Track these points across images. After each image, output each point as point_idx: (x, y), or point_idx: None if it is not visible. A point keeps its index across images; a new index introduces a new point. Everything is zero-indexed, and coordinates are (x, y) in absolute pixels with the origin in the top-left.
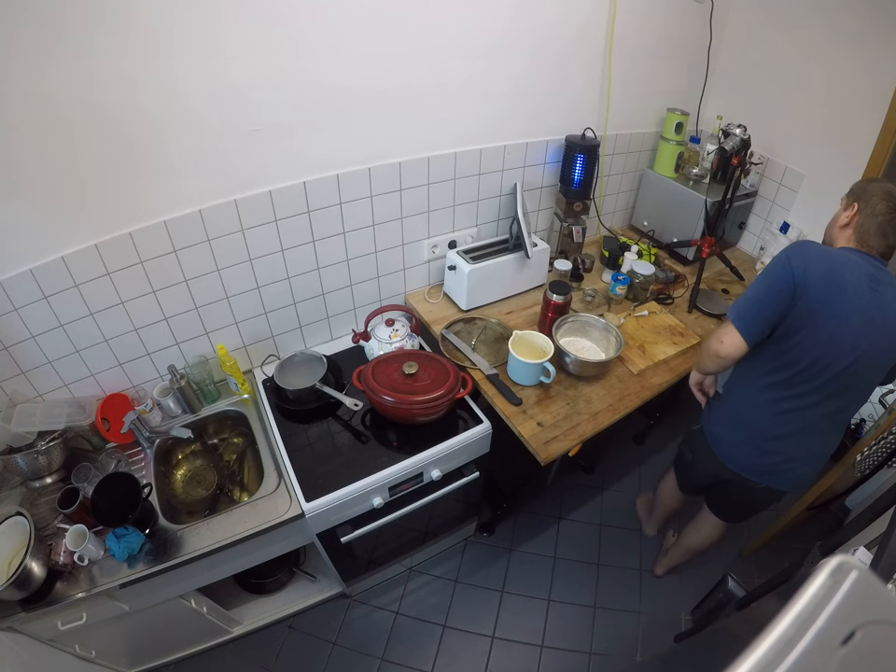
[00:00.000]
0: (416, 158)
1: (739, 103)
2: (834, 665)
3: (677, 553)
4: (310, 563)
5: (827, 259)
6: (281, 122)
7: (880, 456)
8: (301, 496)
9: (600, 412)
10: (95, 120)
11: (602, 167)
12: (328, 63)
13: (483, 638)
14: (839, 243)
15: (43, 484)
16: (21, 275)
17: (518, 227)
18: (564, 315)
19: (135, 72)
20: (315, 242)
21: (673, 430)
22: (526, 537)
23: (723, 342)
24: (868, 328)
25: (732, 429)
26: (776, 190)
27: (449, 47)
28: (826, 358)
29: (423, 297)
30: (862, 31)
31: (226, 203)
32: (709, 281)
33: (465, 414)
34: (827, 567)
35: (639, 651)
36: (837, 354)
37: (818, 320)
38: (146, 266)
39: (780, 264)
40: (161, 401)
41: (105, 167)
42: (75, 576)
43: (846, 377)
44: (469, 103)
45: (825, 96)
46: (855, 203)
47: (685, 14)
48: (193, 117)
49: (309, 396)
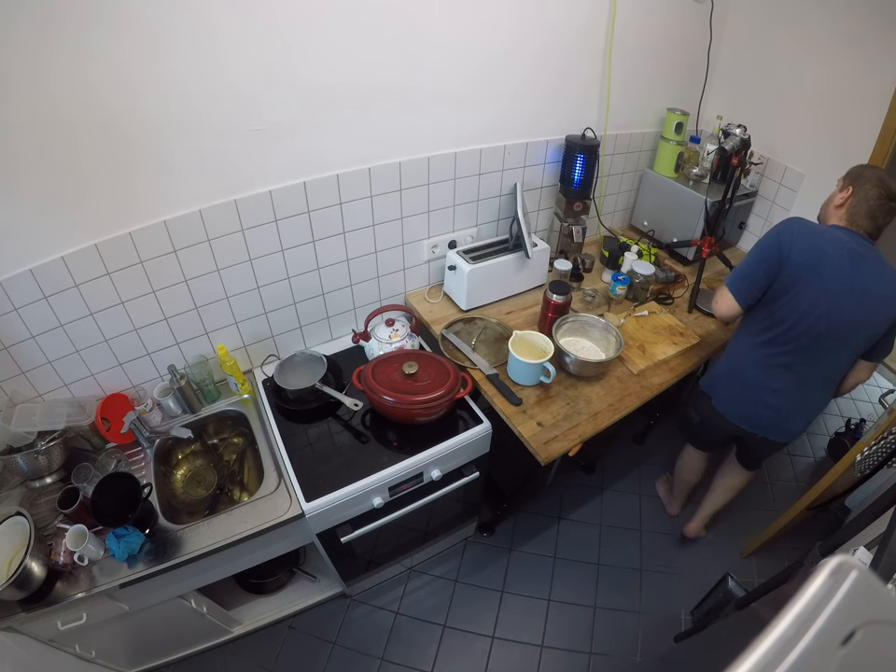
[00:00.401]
0: (416, 158)
1: (739, 103)
2: (834, 665)
3: (711, 503)
4: (310, 563)
5: (812, 234)
6: (281, 122)
7: (880, 456)
8: (301, 496)
9: (600, 412)
10: (95, 120)
11: (602, 167)
12: (328, 63)
13: (483, 638)
14: (831, 221)
15: (43, 484)
16: (21, 275)
17: (518, 227)
18: (564, 315)
19: (135, 71)
20: (315, 242)
21: (673, 430)
22: (526, 537)
23: (718, 303)
24: (846, 295)
25: (730, 386)
26: (776, 190)
27: (449, 47)
28: (808, 319)
29: (423, 297)
30: (863, 31)
31: (226, 203)
32: (709, 281)
33: (465, 414)
34: (827, 567)
35: (639, 651)
36: (818, 315)
37: (800, 286)
38: (146, 266)
39: (770, 237)
40: (161, 401)
41: (105, 167)
42: (75, 576)
43: (828, 339)
44: (470, 103)
45: (825, 96)
46: (850, 186)
47: (685, 14)
48: (194, 116)
49: (309, 396)
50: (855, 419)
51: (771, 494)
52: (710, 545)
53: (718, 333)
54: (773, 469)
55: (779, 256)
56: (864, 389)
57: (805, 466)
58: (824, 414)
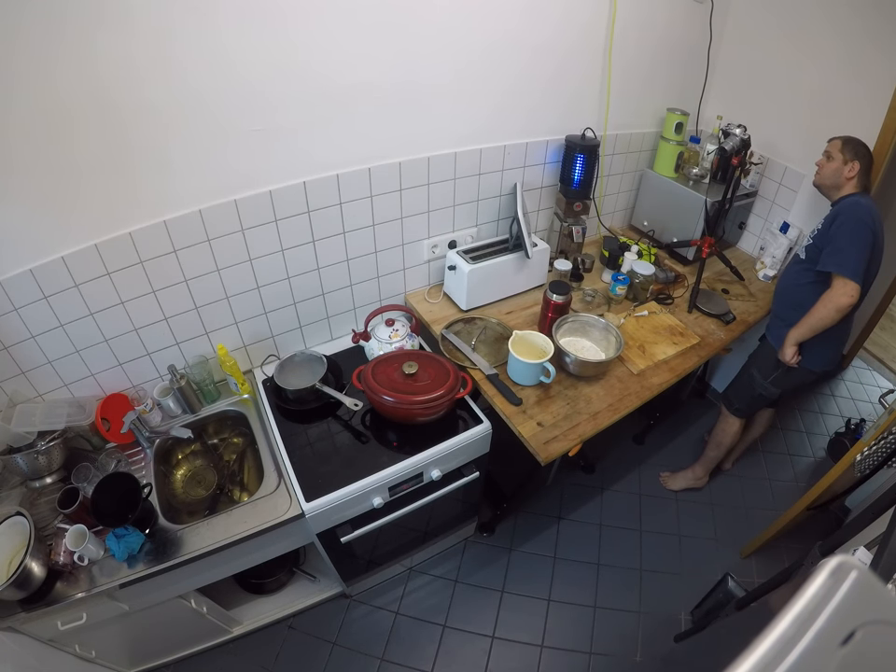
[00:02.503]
0: (416, 158)
1: (739, 103)
2: (834, 665)
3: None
4: (310, 563)
5: (876, 214)
6: (281, 122)
7: (880, 456)
8: (301, 496)
9: (600, 412)
10: (96, 120)
11: (602, 167)
12: (329, 63)
13: (483, 638)
14: (845, 191)
15: (43, 484)
16: (21, 275)
17: (518, 227)
18: (564, 315)
19: (137, 72)
20: (315, 242)
21: (673, 430)
22: (526, 537)
23: (846, 297)
24: None
25: (838, 346)
26: (776, 190)
27: (449, 47)
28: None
29: (423, 297)
30: (863, 31)
31: (226, 203)
32: (709, 281)
33: (465, 414)
34: (827, 567)
35: (639, 651)
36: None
37: (879, 255)
38: (146, 266)
39: (868, 228)
40: (161, 401)
41: (106, 167)
42: (75, 576)
43: None
44: (470, 103)
45: (825, 96)
46: (856, 161)
47: (685, 14)
48: (194, 116)
49: (309, 396)
50: (855, 419)
51: (771, 494)
52: (710, 545)
53: (718, 333)
54: (773, 469)
55: (875, 240)
56: (864, 389)
57: (804, 466)
58: (824, 414)
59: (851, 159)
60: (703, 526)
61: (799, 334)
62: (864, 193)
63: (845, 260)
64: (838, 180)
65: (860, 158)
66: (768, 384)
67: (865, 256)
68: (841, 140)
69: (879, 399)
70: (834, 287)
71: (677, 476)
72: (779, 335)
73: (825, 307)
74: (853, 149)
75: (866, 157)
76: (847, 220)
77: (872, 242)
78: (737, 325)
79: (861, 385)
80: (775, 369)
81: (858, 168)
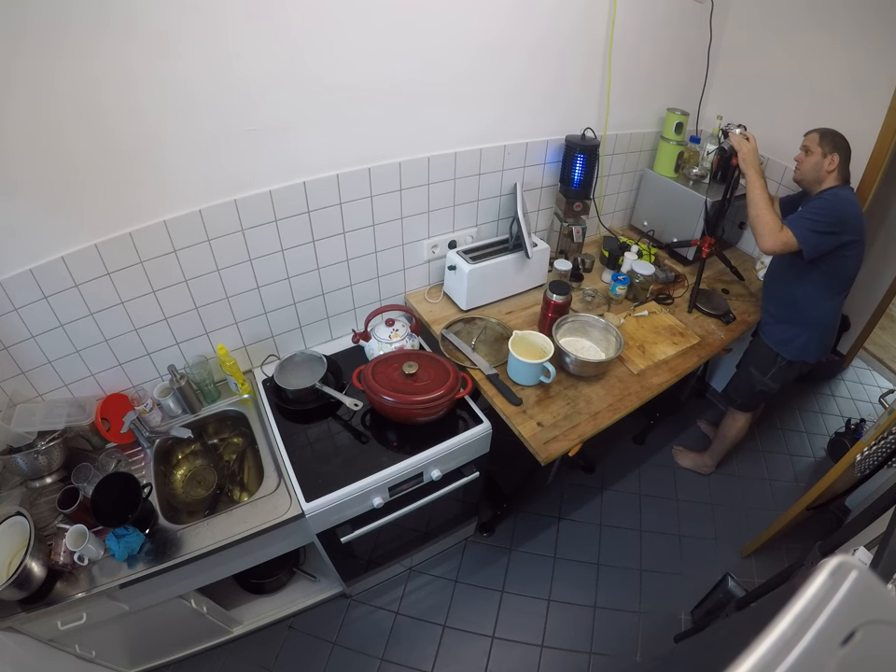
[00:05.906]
0: (416, 158)
1: (739, 103)
2: (834, 665)
3: None
4: (310, 563)
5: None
6: (281, 122)
7: (880, 456)
8: (301, 496)
9: (600, 412)
10: (96, 120)
11: (602, 167)
12: (329, 63)
13: (483, 638)
14: (827, 183)
15: (43, 484)
16: (21, 275)
17: (518, 227)
18: (564, 315)
19: (137, 72)
20: (314, 242)
21: (673, 430)
22: (526, 537)
23: (785, 243)
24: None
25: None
26: (775, 190)
27: (448, 47)
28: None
29: (423, 297)
30: (862, 31)
31: (226, 203)
32: (709, 281)
33: (465, 414)
34: (827, 567)
35: (639, 651)
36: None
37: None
38: (146, 266)
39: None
40: (161, 401)
41: (106, 166)
42: (75, 576)
43: None
44: (469, 103)
45: (825, 96)
46: (835, 153)
47: (685, 14)
48: (194, 116)
49: (309, 396)
50: (855, 419)
51: (771, 494)
52: (710, 545)
53: (718, 333)
54: (773, 469)
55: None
56: (864, 389)
57: (804, 466)
58: (824, 414)
59: (830, 151)
60: (703, 526)
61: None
62: (845, 185)
63: (797, 220)
64: (819, 174)
65: (839, 150)
66: (767, 379)
67: (819, 229)
68: (818, 133)
69: (879, 399)
70: (784, 230)
71: (689, 454)
72: (770, 332)
73: (765, 225)
74: (831, 141)
75: (845, 148)
76: (817, 201)
77: (835, 226)
78: (737, 325)
79: (860, 385)
80: (772, 365)
81: (838, 160)
